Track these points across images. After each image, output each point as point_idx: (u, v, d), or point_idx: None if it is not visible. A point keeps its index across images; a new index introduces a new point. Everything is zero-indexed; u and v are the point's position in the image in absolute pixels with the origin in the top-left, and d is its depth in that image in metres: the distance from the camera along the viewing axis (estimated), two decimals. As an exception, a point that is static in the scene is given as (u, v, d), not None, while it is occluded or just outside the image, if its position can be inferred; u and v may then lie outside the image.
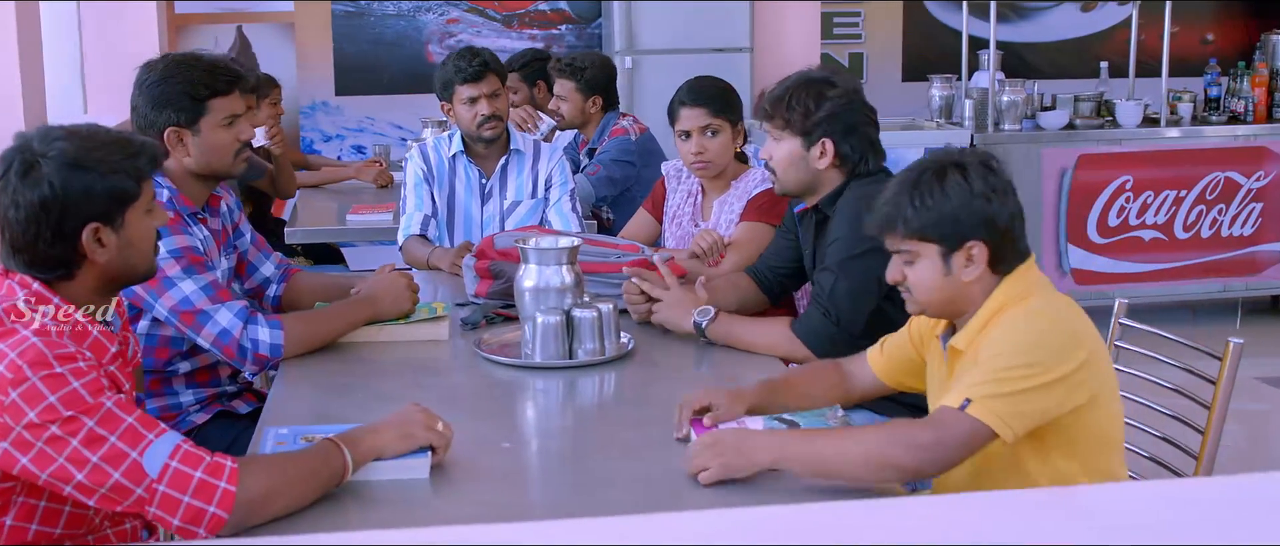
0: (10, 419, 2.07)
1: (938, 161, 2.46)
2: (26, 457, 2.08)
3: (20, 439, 2.07)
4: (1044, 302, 2.42)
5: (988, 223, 2.41)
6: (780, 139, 3.25)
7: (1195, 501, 1.59)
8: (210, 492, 2.10)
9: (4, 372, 2.08)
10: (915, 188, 2.45)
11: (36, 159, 2.20)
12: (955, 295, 2.47)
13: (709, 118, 3.84)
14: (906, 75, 8.38)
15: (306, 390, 2.92)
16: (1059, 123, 6.66)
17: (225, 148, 3.09)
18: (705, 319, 3.18)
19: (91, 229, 2.23)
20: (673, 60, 7.01)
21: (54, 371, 2.09)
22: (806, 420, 2.56)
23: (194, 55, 3.12)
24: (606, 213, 5.14)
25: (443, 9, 7.98)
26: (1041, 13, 8.50)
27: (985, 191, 2.41)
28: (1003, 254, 2.44)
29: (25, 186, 2.19)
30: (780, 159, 3.26)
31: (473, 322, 3.35)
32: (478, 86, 4.13)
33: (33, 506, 2.22)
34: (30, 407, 2.07)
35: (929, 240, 2.44)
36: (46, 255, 2.23)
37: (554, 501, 2.37)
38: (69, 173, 2.20)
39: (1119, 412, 2.53)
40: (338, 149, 7.93)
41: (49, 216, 2.20)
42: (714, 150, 3.85)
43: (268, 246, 3.50)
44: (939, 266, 2.45)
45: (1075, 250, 6.60)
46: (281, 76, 7.58)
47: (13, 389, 2.07)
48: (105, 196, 2.24)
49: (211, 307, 2.99)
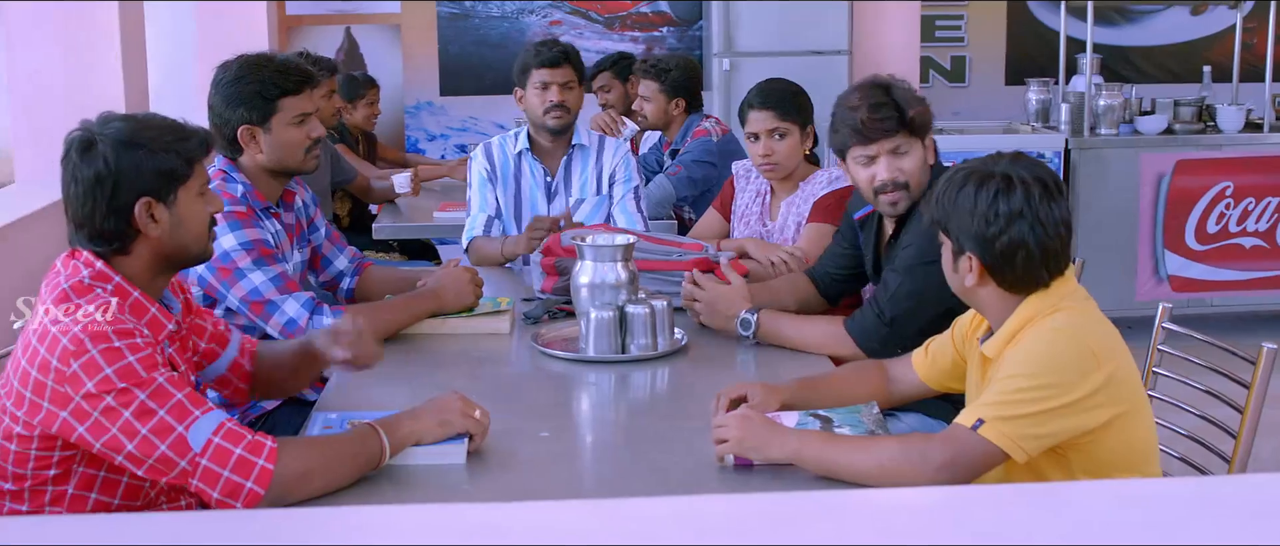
0: (71, 388, 2.22)
1: (988, 166, 2.46)
2: (83, 426, 2.23)
3: (78, 408, 2.23)
4: (1067, 320, 2.40)
5: (981, 242, 2.42)
6: (911, 148, 3.16)
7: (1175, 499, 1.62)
8: (249, 468, 2.22)
9: (67, 345, 2.23)
10: (946, 182, 2.49)
11: (94, 138, 2.38)
12: (966, 294, 2.52)
13: (777, 120, 3.88)
14: (1009, 79, 8.31)
15: (366, 378, 3.02)
16: (1157, 127, 6.58)
17: (296, 145, 3.24)
18: (748, 330, 3.22)
19: (144, 203, 2.38)
20: (770, 63, 7.02)
21: (113, 345, 2.24)
22: (841, 417, 2.60)
23: (266, 56, 3.27)
24: (688, 212, 5.20)
25: (546, 11, 8.11)
26: (1149, 16, 8.37)
27: (986, 213, 2.40)
28: (1002, 273, 2.43)
29: (84, 163, 2.37)
30: (916, 168, 3.17)
31: (535, 317, 3.44)
32: (553, 73, 4.18)
33: (92, 476, 2.37)
34: (89, 378, 2.22)
35: (946, 235, 2.50)
36: (103, 228, 2.38)
37: (578, 487, 2.45)
38: (122, 149, 2.36)
39: (1149, 428, 2.50)
40: (442, 148, 8.11)
41: (103, 189, 2.36)
42: (782, 152, 3.90)
43: (342, 241, 3.63)
44: (951, 261, 2.51)
45: (1173, 257, 6.51)
46: (388, 77, 7.80)
47: (74, 360, 2.22)
48: (155, 173, 2.39)
49: (279, 298, 3.13)
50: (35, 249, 3.98)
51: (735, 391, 2.66)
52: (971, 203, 2.42)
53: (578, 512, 1.63)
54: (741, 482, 2.36)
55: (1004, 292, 2.46)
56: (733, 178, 4.25)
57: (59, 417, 2.24)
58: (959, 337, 2.75)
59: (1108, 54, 7.94)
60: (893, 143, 3.13)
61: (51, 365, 2.23)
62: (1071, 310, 2.43)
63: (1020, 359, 2.38)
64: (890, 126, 3.12)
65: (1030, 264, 2.41)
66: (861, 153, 3.16)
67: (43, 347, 2.25)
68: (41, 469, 2.32)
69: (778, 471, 2.38)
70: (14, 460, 2.31)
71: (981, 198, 2.41)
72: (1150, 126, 6.58)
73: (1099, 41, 6.91)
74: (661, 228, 4.76)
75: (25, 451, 2.30)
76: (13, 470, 2.32)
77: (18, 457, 2.31)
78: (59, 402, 2.23)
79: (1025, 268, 2.42)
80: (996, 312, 2.49)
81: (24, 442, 2.29)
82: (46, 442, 2.29)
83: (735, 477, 2.38)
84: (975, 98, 8.32)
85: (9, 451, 2.31)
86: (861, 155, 3.16)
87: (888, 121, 3.12)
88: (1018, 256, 2.41)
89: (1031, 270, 2.42)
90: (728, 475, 2.39)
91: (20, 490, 2.34)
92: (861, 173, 3.19)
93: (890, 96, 3.14)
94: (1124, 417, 2.38)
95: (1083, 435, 2.36)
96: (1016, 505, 1.62)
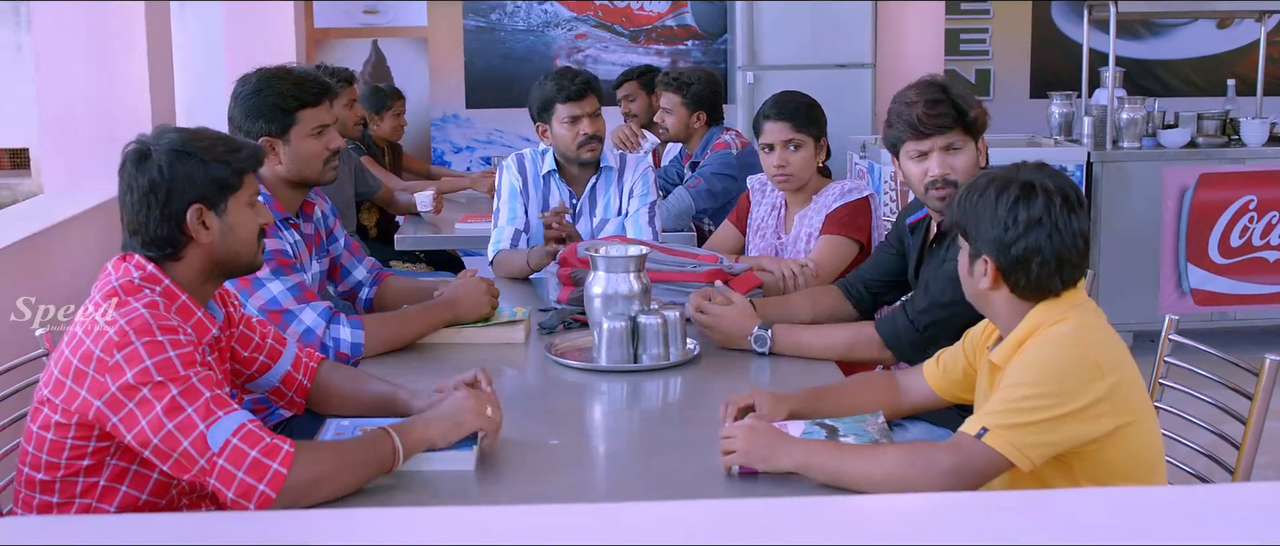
0: (110, 378, 2.30)
1: (1012, 173, 2.50)
2: (117, 417, 2.31)
3: (113, 398, 2.30)
4: (1072, 329, 2.43)
5: (1000, 245, 2.46)
6: (964, 146, 3.18)
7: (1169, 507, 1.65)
8: (263, 471, 2.27)
9: (112, 336, 2.32)
10: (970, 185, 2.53)
11: (149, 149, 2.48)
12: (977, 298, 2.56)
13: (792, 132, 3.92)
14: (1034, 92, 8.32)
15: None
16: (1180, 141, 6.58)
17: (315, 156, 3.30)
18: (764, 347, 3.24)
19: (195, 210, 2.47)
20: (795, 75, 7.05)
21: (156, 338, 2.32)
22: (847, 426, 2.63)
23: (284, 68, 3.33)
24: (707, 224, 5.24)
25: (572, 24, 8.17)
26: (1175, 29, 8.37)
27: (1006, 218, 2.44)
28: (1016, 279, 2.47)
29: (139, 172, 2.47)
30: (968, 167, 3.18)
31: (550, 327, 3.48)
32: (580, 105, 4.18)
33: (124, 469, 2.44)
34: (129, 368, 2.30)
35: (965, 237, 2.54)
36: (156, 234, 2.47)
37: (586, 493, 2.48)
38: (175, 159, 2.47)
39: (1155, 439, 2.52)
40: (467, 160, 8.18)
41: (157, 197, 2.46)
42: (796, 164, 3.94)
43: (361, 251, 3.69)
44: (967, 264, 2.55)
45: (1196, 270, 6.50)
46: (414, 89, 7.87)
47: (118, 351, 2.31)
48: (206, 181, 2.48)
49: (296, 307, 3.18)
50: (64, 256, 4.05)
51: (743, 400, 2.69)
52: (992, 207, 2.46)
53: (578, 516, 1.67)
54: (746, 490, 2.39)
55: (1015, 299, 2.50)
56: (748, 191, 4.28)
57: (95, 405, 2.31)
58: (970, 348, 2.77)
59: (1133, 67, 7.95)
60: (946, 139, 3.16)
61: (94, 354, 2.31)
62: (1077, 320, 2.46)
63: (1024, 367, 2.40)
64: (945, 122, 3.15)
65: (1044, 271, 2.45)
66: (915, 147, 3.19)
67: (88, 339, 2.33)
68: (75, 459, 2.39)
69: (783, 479, 2.41)
70: (49, 449, 2.39)
71: (1002, 203, 2.45)
72: (1173, 140, 6.58)
73: (1124, 55, 6.94)
74: (681, 240, 4.80)
75: (61, 440, 2.37)
76: (47, 459, 2.40)
77: (53, 446, 2.38)
78: (97, 391, 2.31)
79: (1039, 275, 2.45)
80: (1006, 319, 2.52)
81: (61, 431, 2.37)
82: (82, 432, 2.36)
83: (741, 485, 2.41)
84: (999, 111, 8.31)
85: (45, 441, 2.39)
86: (915, 150, 3.19)
87: (943, 117, 3.15)
88: (1033, 263, 2.45)
89: (1045, 278, 2.46)
90: (734, 483, 2.42)
91: (52, 480, 2.41)
92: (914, 168, 3.21)
93: (947, 94, 3.18)
94: (1129, 427, 2.40)
95: (1087, 443, 2.38)
96: (1013, 511, 1.65)
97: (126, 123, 4.44)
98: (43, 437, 2.39)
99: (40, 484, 2.42)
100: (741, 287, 3.47)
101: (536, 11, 8.16)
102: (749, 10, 7.28)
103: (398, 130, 6.54)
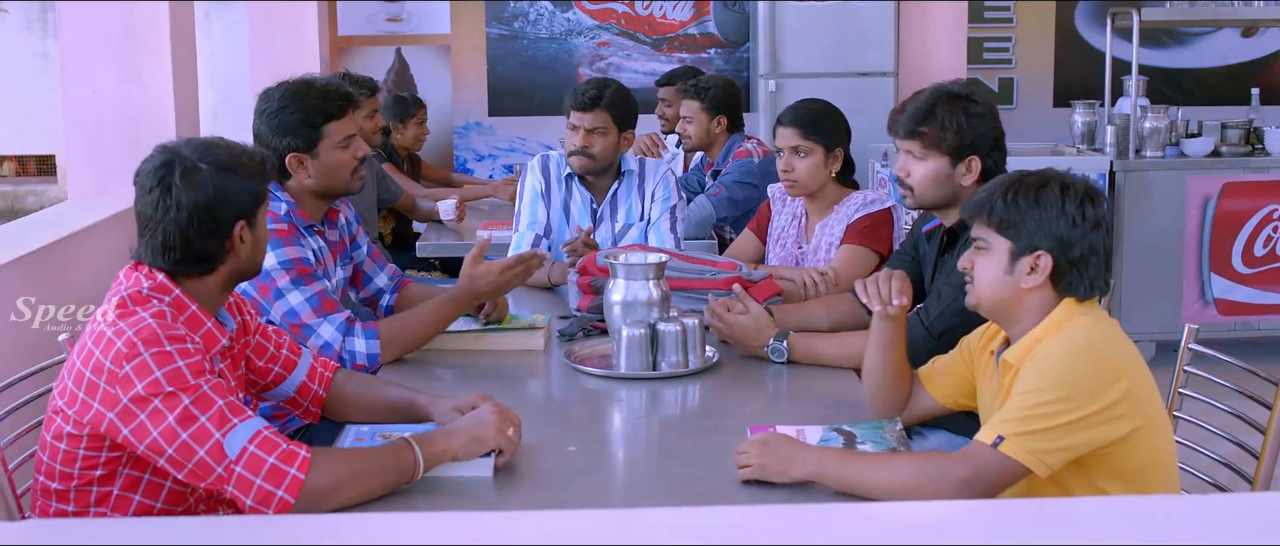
0: (121, 390, 2.31)
1: (1047, 173, 2.52)
2: (129, 428, 2.31)
3: (125, 409, 2.31)
4: (1084, 333, 2.43)
5: (1061, 241, 2.47)
6: (925, 157, 3.26)
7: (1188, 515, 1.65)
8: (280, 478, 2.28)
9: (121, 347, 2.32)
10: (1014, 185, 2.52)
11: (195, 165, 2.45)
12: (1010, 298, 2.53)
13: (799, 138, 3.93)
14: (1057, 101, 8.31)
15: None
16: (1204, 150, 6.55)
17: (343, 167, 3.30)
18: (781, 358, 3.26)
19: (240, 226, 2.49)
20: (816, 84, 7.06)
21: (164, 349, 2.32)
22: (864, 434, 2.63)
23: (307, 81, 3.32)
24: (729, 232, 5.24)
25: (594, 32, 8.19)
26: (1200, 38, 8.34)
27: (1074, 215, 2.46)
28: (1068, 277, 2.48)
29: (188, 189, 2.44)
30: (922, 177, 3.27)
31: (569, 334, 3.50)
32: (582, 116, 4.16)
33: (136, 479, 2.45)
34: (139, 380, 2.30)
35: (1005, 236, 2.52)
36: (198, 251, 2.47)
37: (602, 500, 2.48)
38: (224, 175, 2.46)
39: (1168, 443, 2.52)
40: (489, 168, 8.20)
41: (210, 214, 2.45)
42: (801, 170, 3.94)
43: (383, 258, 3.70)
44: (1005, 264, 2.52)
45: (1219, 279, 6.47)
46: (437, 97, 7.91)
47: (126, 362, 2.31)
48: (250, 196, 2.51)
49: (315, 321, 3.19)
50: (88, 262, 4.08)
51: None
52: (1058, 204, 2.46)
53: (595, 521, 1.68)
54: (762, 496, 2.39)
55: (1047, 299, 2.50)
56: (769, 200, 4.28)
57: (107, 418, 2.32)
58: (968, 354, 2.77)
59: (1157, 76, 7.92)
60: (904, 145, 3.29)
61: (104, 366, 2.32)
62: (1091, 324, 2.46)
63: (1039, 372, 2.40)
64: (897, 131, 3.31)
65: (1099, 271, 2.49)
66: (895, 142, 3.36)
67: (98, 350, 2.34)
68: (88, 469, 2.40)
69: (798, 486, 2.41)
70: (62, 459, 2.40)
71: (1069, 201, 2.46)
72: (1196, 149, 6.55)
73: (1149, 63, 6.90)
74: (702, 247, 4.80)
75: (73, 451, 2.39)
76: (61, 469, 2.41)
77: (66, 457, 2.40)
78: (108, 403, 2.31)
79: (1095, 274, 2.49)
80: (1028, 320, 2.52)
81: (73, 442, 2.38)
82: (94, 443, 2.37)
83: (757, 492, 2.41)
84: (1022, 119, 8.32)
85: (58, 451, 2.40)
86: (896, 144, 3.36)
87: (896, 127, 3.31)
88: (1090, 263, 2.48)
89: (1098, 278, 2.50)
90: (751, 489, 2.42)
91: (67, 489, 2.42)
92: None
93: (920, 103, 3.26)
94: (1145, 430, 2.40)
95: (1105, 446, 2.37)
96: (1028, 519, 1.65)
97: (152, 130, 4.47)
98: (56, 447, 2.41)
99: (55, 493, 2.43)
100: (760, 295, 3.47)
101: (559, 19, 8.18)
102: (771, 18, 7.28)
103: (419, 139, 6.56)
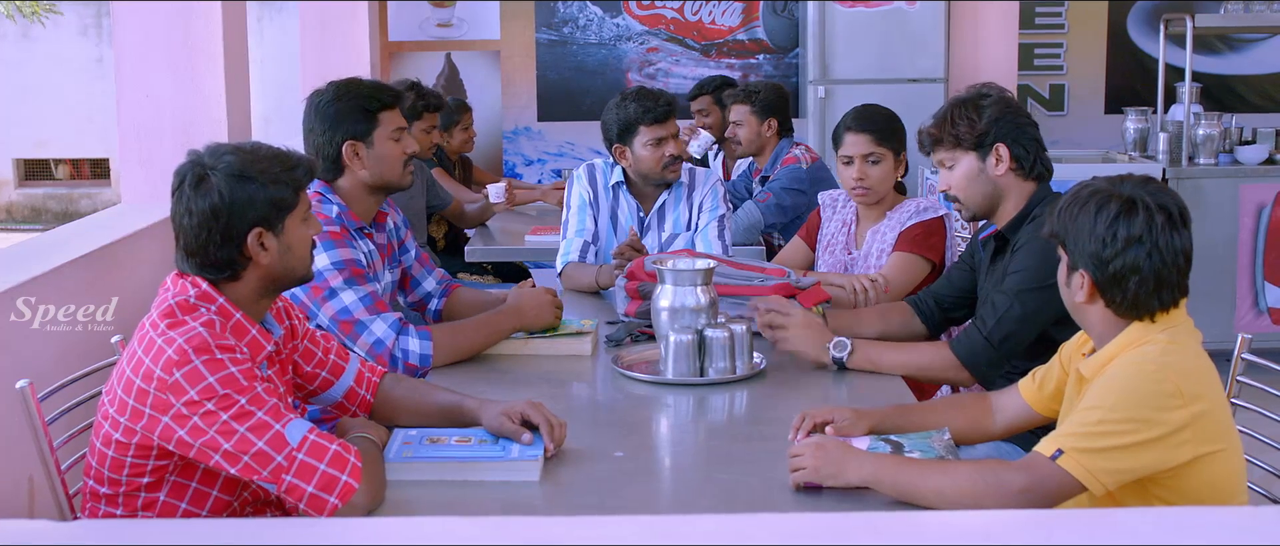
0: (173, 396, 2.34)
1: (1114, 187, 2.46)
2: (183, 430, 2.34)
3: (179, 414, 2.34)
4: (1158, 353, 2.37)
5: (1096, 260, 2.42)
6: (955, 162, 3.28)
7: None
8: (343, 464, 2.34)
9: (171, 355, 2.35)
10: (1075, 197, 2.49)
11: (207, 171, 2.47)
12: (1073, 307, 2.52)
13: (872, 145, 3.90)
14: (1109, 107, 8.23)
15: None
16: (1258, 157, 6.48)
17: (395, 159, 3.36)
18: (843, 352, 3.23)
19: (256, 233, 2.48)
20: (866, 90, 7.00)
21: (215, 357, 2.35)
22: (913, 442, 2.61)
23: (355, 78, 3.42)
24: (777, 239, 5.23)
25: (643, 38, 8.19)
26: (1253, 45, 8.25)
27: (1125, 235, 2.39)
28: (1112, 296, 2.43)
29: (198, 196, 2.46)
30: (960, 180, 3.29)
31: (617, 340, 3.50)
32: (665, 127, 4.17)
33: (184, 486, 2.47)
34: (191, 386, 2.33)
35: (1060, 244, 2.51)
36: (216, 257, 2.48)
37: (647, 506, 2.48)
38: (235, 182, 2.47)
39: (1237, 467, 2.45)
40: (538, 173, 8.22)
41: (218, 222, 2.46)
42: (875, 177, 3.92)
43: (431, 262, 3.72)
44: (1065, 275, 2.52)
45: (1273, 289, 6.40)
46: (487, 102, 7.94)
47: (177, 369, 2.34)
48: (267, 204, 2.49)
49: (368, 318, 3.21)
50: (142, 265, 4.12)
51: (822, 415, 2.68)
52: (1091, 221, 2.42)
53: (640, 527, 1.68)
54: (810, 504, 2.39)
55: (1111, 315, 2.46)
56: (819, 207, 4.26)
57: (161, 422, 2.35)
58: (1066, 359, 2.73)
59: (1211, 83, 7.84)
60: (937, 158, 3.35)
61: (155, 373, 2.34)
62: (1165, 343, 2.40)
63: (1104, 390, 2.36)
64: (925, 146, 3.39)
65: (1143, 290, 2.41)
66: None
67: (148, 358, 2.36)
68: (136, 476, 2.43)
69: (848, 494, 2.40)
70: (111, 465, 2.43)
71: (1102, 218, 2.41)
72: (1250, 156, 6.48)
73: (1202, 70, 6.84)
74: (750, 254, 4.79)
75: (122, 457, 2.41)
76: (109, 475, 2.44)
77: (114, 463, 2.42)
78: (160, 408, 2.34)
79: (1137, 293, 2.41)
80: (1101, 332, 2.49)
81: (122, 449, 2.41)
82: (143, 450, 2.40)
83: (805, 499, 2.40)
84: (1074, 126, 8.26)
85: (107, 456, 2.43)
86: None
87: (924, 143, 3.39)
88: (1131, 281, 2.41)
89: (1143, 297, 2.42)
90: (799, 497, 2.41)
91: (115, 494, 2.45)
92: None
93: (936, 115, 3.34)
94: (1212, 456, 2.34)
95: (1165, 470, 2.33)
96: (1081, 529, 1.64)
97: (204, 134, 4.50)
98: (104, 453, 2.43)
99: (104, 497, 2.46)
100: (808, 301, 3.46)
101: (609, 25, 8.19)
102: (821, 24, 7.25)
103: (467, 143, 6.59)
